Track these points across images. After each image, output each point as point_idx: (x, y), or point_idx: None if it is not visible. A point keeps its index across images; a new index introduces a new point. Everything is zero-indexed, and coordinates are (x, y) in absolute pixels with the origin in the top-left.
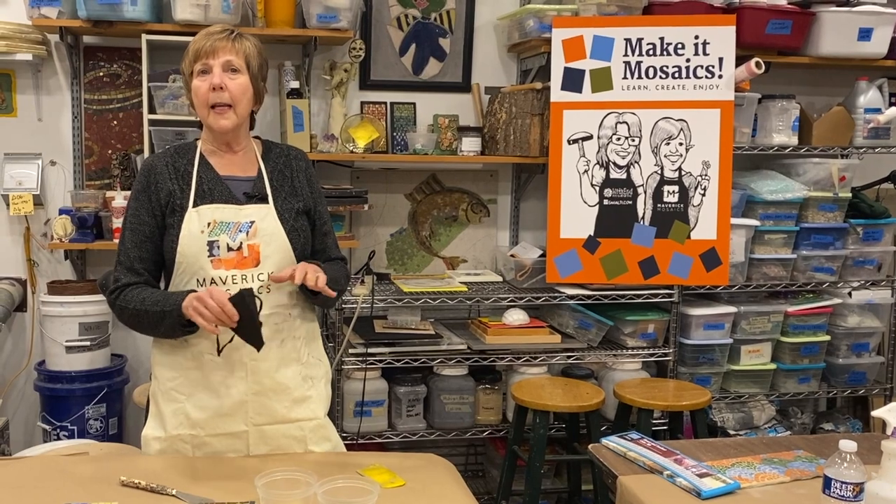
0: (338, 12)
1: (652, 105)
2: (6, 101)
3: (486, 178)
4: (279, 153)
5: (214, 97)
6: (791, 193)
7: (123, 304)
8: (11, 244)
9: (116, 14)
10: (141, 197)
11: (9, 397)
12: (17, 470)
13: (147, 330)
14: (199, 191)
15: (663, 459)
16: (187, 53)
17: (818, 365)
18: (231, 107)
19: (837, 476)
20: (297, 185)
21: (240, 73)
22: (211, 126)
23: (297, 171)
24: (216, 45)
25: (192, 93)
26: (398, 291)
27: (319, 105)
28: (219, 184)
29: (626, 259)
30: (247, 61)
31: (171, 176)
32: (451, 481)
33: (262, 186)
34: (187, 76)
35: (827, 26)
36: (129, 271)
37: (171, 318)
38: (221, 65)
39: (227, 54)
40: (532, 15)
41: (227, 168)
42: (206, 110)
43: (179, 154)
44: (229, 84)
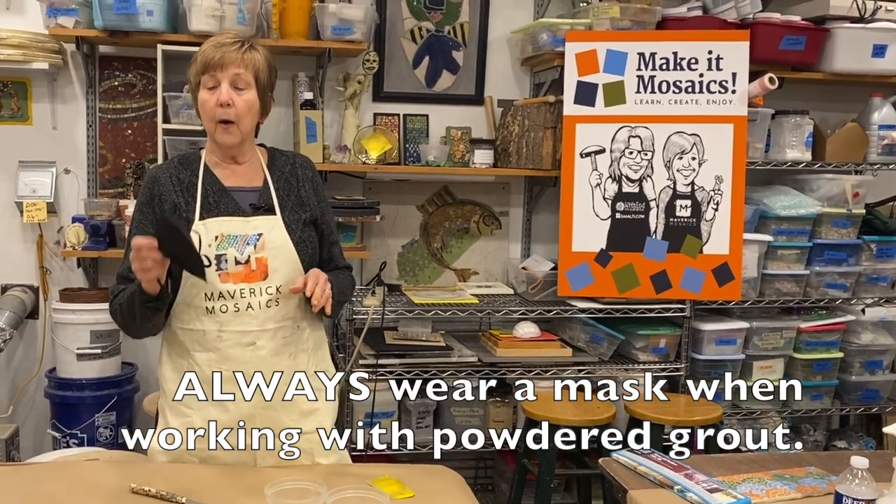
0: (352, 24)
1: (665, 119)
2: (21, 109)
3: (498, 190)
4: (284, 161)
5: (221, 113)
6: (804, 209)
7: (114, 309)
8: (24, 251)
9: (132, 24)
10: (145, 209)
11: (19, 404)
12: (28, 476)
13: (130, 322)
14: (205, 203)
15: (674, 474)
16: (195, 61)
17: (831, 382)
18: (236, 123)
19: (849, 493)
20: (303, 195)
21: (247, 89)
22: (217, 140)
23: (304, 180)
24: (226, 57)
25: (198, 103)
26: (409, 303)
27: (333, 116)
28: (224, 196)
29: (638, 273)
30: (255, 75)
31: (175, 188)
32: (461, 494)
33: (269, 197)
34: (194, 85)
35: (841, 42)
36: (124, 281)
37: (137, 297)
38: (230, 79)
39: (236, 68)
40: (545, 29)
41: (232, 179)
42: (213, 124)
43: (183, 165)
44: (236, 100)
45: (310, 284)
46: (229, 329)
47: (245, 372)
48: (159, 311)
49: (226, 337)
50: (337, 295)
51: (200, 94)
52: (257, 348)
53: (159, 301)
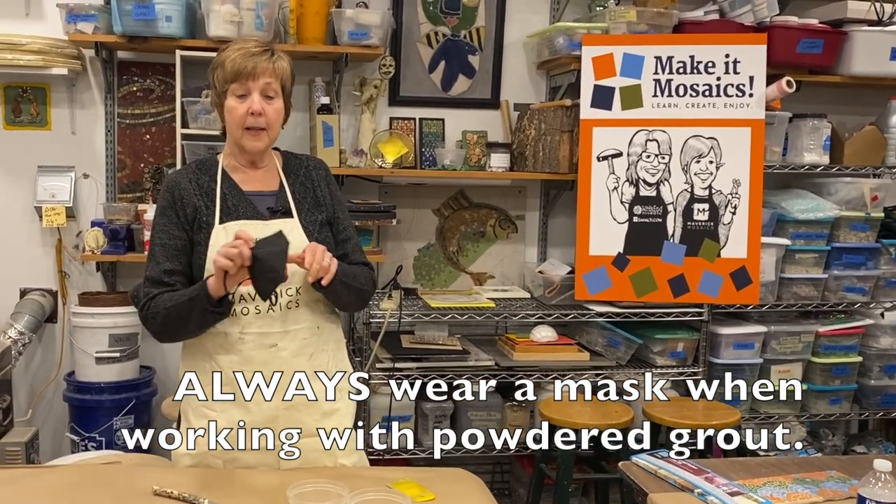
0: (369, 29)
1: (682, 123)
2: (41, 114)
3: (514, 194)
4: (298, 164)
5: (252, 121)
6: (822, 213)
7: (154, 312)
8: (43, 256)
9: (151, 30)
10: (168, 212)
11: (38, 408)
12: (50, 479)
13: (180, 327)
14: (224, 207)
15: (694, 478)
16: (223, 67)
17: (850, 386)
18: (265, 130)
19: (872, 496)
20: (319, 196)
21: (276, 97)
22: (243, 146)
23: (318, 181)
24: (258, 67)
25: (224, 110)
26: (425, 306)
27: (349, 120)
28: (243, 200)
29: (656, 277)
30: (283, 84)
31: (195, 192)
32: (481, 496)
33: (286, 200)
34: (220, 92)
35: (859, 45)
36: (158, 284)
37: (199, 301)
38: (260, 88)
39: (266, 77)
40: (562, 33)
41: (250, 183)
42: (241, 131)
43: (201, 170)
44: (267, 109)
45: (307, 257)
46: (251, 331)
47: (265, 373)
48: (223, 316)
49: (247, 339)
50: (345, 276)
51: (229, 101)
52: (279, 350)
53: (222, 307)
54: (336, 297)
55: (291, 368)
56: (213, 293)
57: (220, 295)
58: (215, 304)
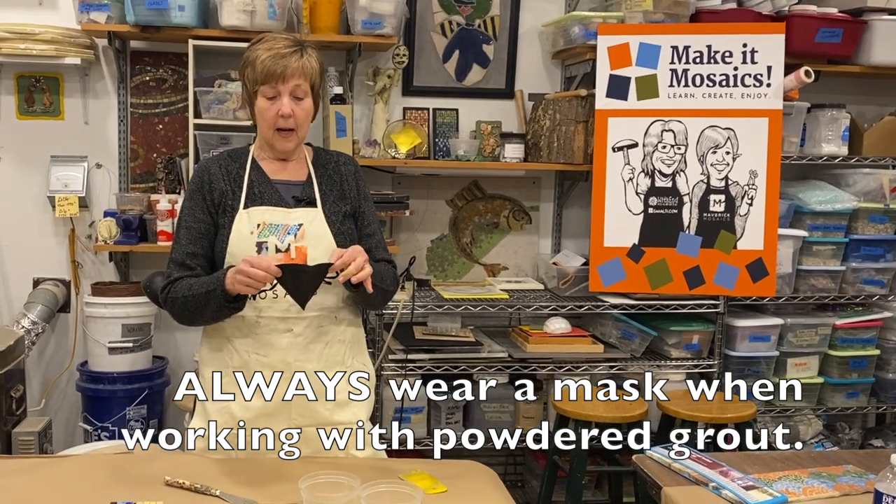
0: (382, 19)
1: (699, 113)
2: (54, 104)
3: (528, 185)
4: (328, 159)
5: (283, 123)
6: (840, 204)
7: (174, 297)
8: (56, 245)
9: (164, 20)
10: (195, 196)
11: (51, 397)
12: (63, 468)
13: (197, 316)
14: (250, 193)
15: (709, 471)
16: (253, 67)
17: (867, 379)
18: (295, 130)
19: (889, 491)
20: (345, 189)
21: (305, 97)
22: (274, 146)
23: (346, 175)
24: (288, 70)
25: (255, 109)
26: (438, 298)
27: (362, 111)
28: (269, 187)
29: (671, 268)
30: (312, 83)
31: (224, 178)
32: (494, 489)
33: (311, 191)
34: (251, 92)
35: (879, 34)
36: (181, 267)
37: (215, 296)
38: (290, 90)
39: (296, 79)
40: (577, 22)
41: (278, 173)
42: (271, 132)
43: (232, 158)
44: (296, 111)
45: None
46: (267, 315)
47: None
48: (238, 310)
49: (263, 322)
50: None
51: (259, 102)
52: (294, 335)
53: (237, 302)
54: (364, 296)
55: (306, 354)
56: (230, 289)
57: (237, 292)
58: (231, 299)
